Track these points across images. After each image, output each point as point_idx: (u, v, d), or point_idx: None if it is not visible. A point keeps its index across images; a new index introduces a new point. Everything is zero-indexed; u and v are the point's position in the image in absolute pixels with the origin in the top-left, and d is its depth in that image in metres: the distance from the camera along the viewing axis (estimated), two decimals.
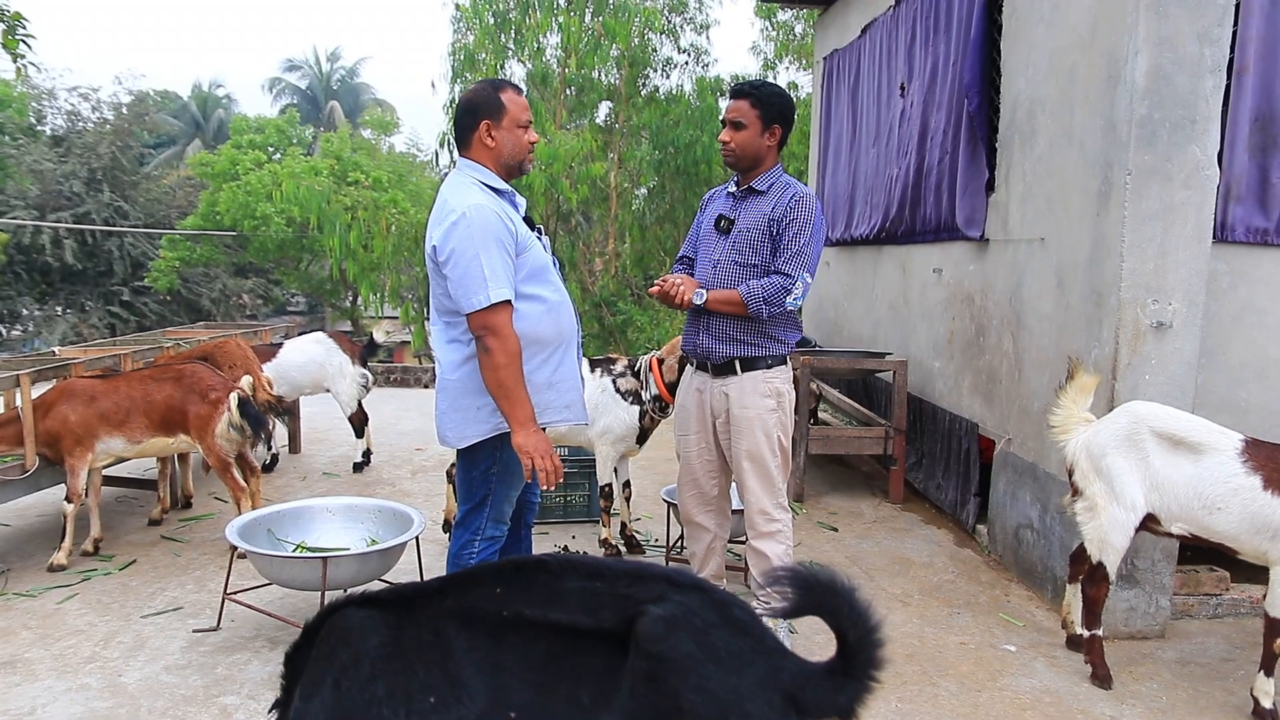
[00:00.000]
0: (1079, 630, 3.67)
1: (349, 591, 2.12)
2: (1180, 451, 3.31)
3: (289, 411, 5.44)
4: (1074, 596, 3.78)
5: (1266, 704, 3.27)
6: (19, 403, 4.54)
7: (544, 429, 3.02)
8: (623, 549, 4.81)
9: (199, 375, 4.65)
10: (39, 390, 4.68)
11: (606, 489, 4.74)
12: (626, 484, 4.95)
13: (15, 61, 7.21)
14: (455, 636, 1.95)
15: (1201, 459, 3.27)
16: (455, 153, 3.17)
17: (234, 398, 4.54)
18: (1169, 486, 3.32)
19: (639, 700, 1.80)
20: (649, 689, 1.80)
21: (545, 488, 2.86)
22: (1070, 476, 3.62)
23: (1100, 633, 3.54)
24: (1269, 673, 3.27)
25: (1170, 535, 3.46)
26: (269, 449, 6.34)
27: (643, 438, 4.69)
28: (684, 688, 1.78)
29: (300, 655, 2.08)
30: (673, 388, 4.29)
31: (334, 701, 1.93)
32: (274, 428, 6.50)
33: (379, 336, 6.88)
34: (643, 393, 4.58)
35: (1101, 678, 3.47)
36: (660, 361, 4.49)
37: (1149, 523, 3.41)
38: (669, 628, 1.82)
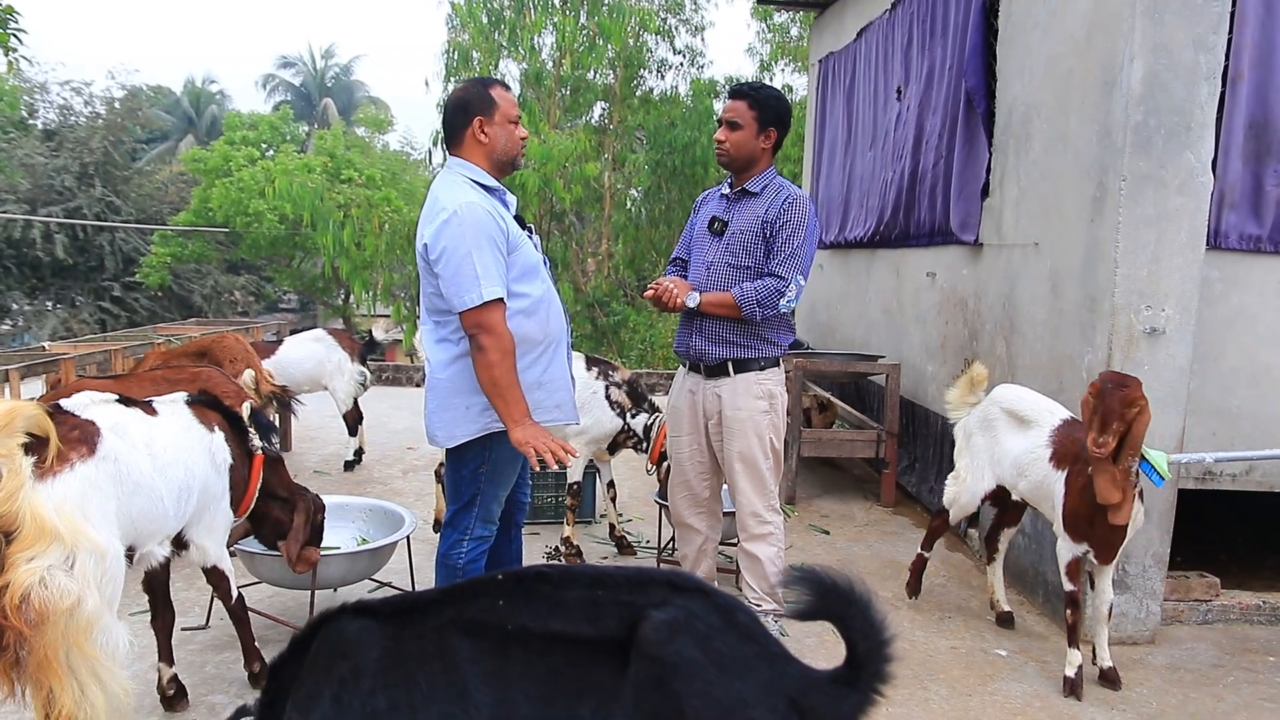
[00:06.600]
0: (1004, 607, 4.06)
1: (341, 602, 2.07)
2: (1019, 427, 3.75)
3: (294, 398, 5.40)
4: (993, 575, 4.10)
5: (1070, 673, 3.42)
6: (7, 397, 4.51)
7: None
8: (578, 550, 4.74)
9: (214, 381, 4.56)
10: (33, 390, 4.64)
11: (574, 487, 4.71)
12: (611, 484, 4.94)
13: (7, 55, 7.20)
14: (459, 649, 1.90)
15: (1028, 432, 3.69)
16: (445, 151, 3.14)
17: (246, 406, 4.47)
18: (1004, 456, 3.78)
19: (642, 706, 1.78)
20: (652, 694, 1.77)
21: (560, 466, 2.82)
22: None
23: (927, 555, 4.18)
24: (1072, 644, 3.47)
25: (1012, 499, 3.89)
26: None
27: (614, 448, 4.74)
28: (687, 693, 1.75)
29: (288, 668, 1.99)
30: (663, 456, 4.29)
31: (334, 716, 1.87)
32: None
33: (379, 334, 6.86)
34: (631, 421, 4.60)
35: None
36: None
37: (999, 491, 3.86)
38: (672, 632, 1.79)
